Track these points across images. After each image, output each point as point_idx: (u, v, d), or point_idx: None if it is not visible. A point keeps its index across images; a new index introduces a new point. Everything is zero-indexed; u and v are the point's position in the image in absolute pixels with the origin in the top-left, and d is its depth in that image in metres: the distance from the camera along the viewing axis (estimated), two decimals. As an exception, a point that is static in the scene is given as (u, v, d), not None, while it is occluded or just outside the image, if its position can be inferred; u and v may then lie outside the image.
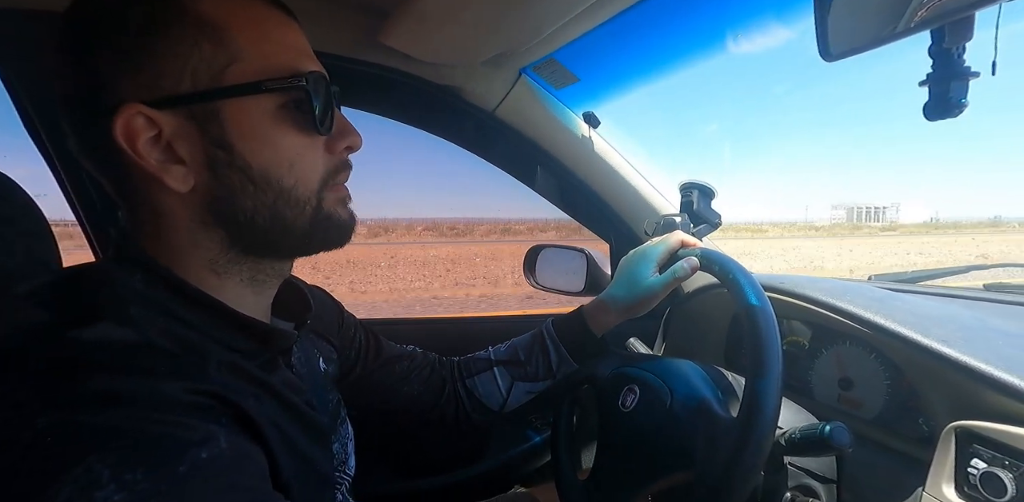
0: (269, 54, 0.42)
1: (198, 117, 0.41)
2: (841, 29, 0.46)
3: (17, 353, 0.35)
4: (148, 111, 0.39)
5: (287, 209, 0.44)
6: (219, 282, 0.45)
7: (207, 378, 0.39)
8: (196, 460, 0.33)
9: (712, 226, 1.00)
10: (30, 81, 0.86)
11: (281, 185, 0.43)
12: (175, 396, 0.35)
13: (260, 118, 0.42)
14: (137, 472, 0.31)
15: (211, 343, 0.42)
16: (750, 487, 0.52)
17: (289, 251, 0.49)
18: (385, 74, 0.93)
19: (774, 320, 0.57)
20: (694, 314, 1.02)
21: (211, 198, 0.43)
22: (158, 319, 0.40)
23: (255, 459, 0.38)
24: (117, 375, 0.35)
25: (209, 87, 0.40)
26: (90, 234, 1.02)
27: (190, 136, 0.41)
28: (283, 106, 0.43)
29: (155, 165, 0.41)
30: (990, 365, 0.54)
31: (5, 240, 0.51)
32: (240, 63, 0.41)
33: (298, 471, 0.44)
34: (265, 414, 0.42)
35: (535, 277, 1.28)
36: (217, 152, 0.41)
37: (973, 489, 0.54)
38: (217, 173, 0.42)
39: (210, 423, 0.36)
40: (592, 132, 1.05)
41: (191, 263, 0.44)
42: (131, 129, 0.39)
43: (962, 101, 0.41)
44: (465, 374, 0.82)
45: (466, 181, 66.69)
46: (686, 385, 0.65)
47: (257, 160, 0.42)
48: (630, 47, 0.95)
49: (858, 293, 0.76)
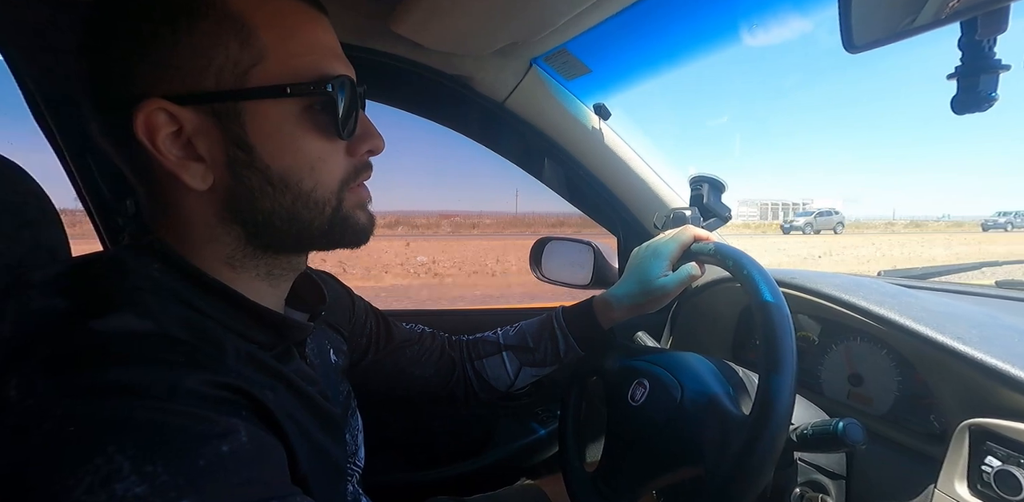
0: (296, 54, 0.41)
1: (220, 116, 0.40)
2: (867, 19, 0.45)
3: (34, 341, 0.35)
4: (170, 106, 0.39)
5: (305, 211, 0.44)
6: (234, 275, 0.45)
7: (226, 369, 0.38)
8: (217, 453, 0.33)
9: (723, 220, 1.00)
10: (38, 70, 0.86)
11: (300, 188, 0.43)
12: (196, 389, 0.35)
13: (283, 121, 0.42)
14: (158, 464, 0.30)
15: (227, 333, 0.41)
16: (762, 483, 0.52)
17: (306, 247, 0.49)
18: (394, 63, 0.92)
19: (789, 317, 0.56)
20: (702, 308, 1.02)
21: (229, 197, 0.42)
22: (174, 308, 0.40)
23: (274, 453, 0.38)
24: (137, 366, 0.34)
25: (233, 87, 0.40)
26: (98, 223, 1.02)
27: (211, 134, 0.40)
28: (307, 109, 0.42)
29: (174, 161, 0.40)
30: (1006, 363, 0.54)
31: (12, 228, 0.51)
32: (265, 63, 0.40)
33: (314, 463, 0.44)
34: (282, 406, 0.42)
35: (541, 270, 1.28)
36: (237, 152, 0.41)
37: (987, 487, 0.54)
38: (236, 173, 0.41)
39: (231, 416, 0.35)
40: (602, 124, 1.04)
41: (207, 256, 0.44)
42: (152, 124, 0.39)
43: (992, 95, 0.40)
44: (474, 355, 0.82)
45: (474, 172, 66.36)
46: (696, 380, 0.65)
47: (277, 162, 0.42)
48: (643, 38, 0.94)
49: (870, 289, 0.75)
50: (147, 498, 0.29)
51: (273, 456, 0.38)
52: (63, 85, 0.88)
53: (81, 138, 0.93)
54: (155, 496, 0.30)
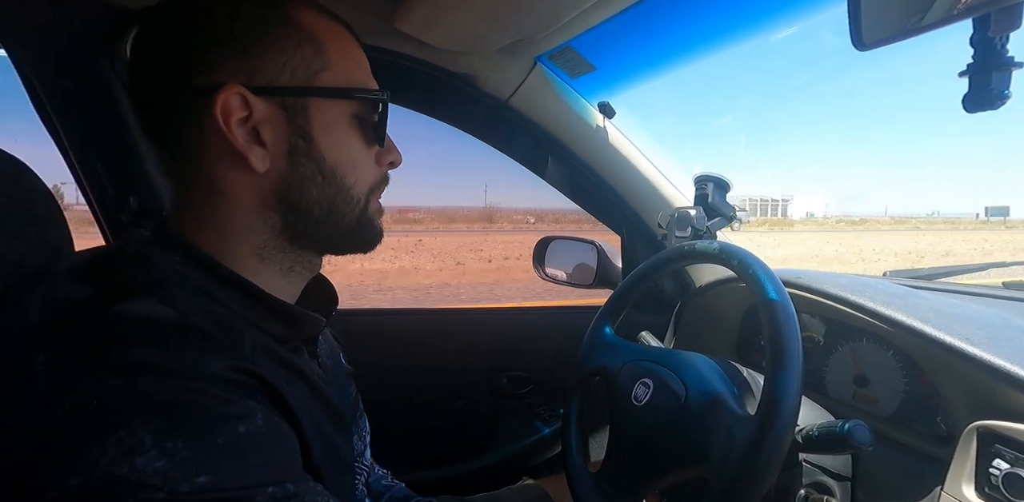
0: (350, 69, 0.48)
1: (288, 108, 0.44)
2: (877, 16, 0.44)
3: (60, 324, 0.37)
4: (247, 93, 0.43)
5: (344, 205, 0.48)
6: (261, 267, 0.47)
7: (244, 358, 0.40)
8: (234, 433, 0.34)
9: (727, 219, 0.99)
10: (43, 67, 0.86)
11: (344, 182, 0.47)
12: (215, 371, 0.36)
13: (339, 120, 0.47)
14: (178, 440, 0.31)
15: (245, 325, 0.43)
16: (767, 482, 0.52)
17: (329, 246, 0.51)
18: (399, 61, 0.92)
19: (794, 315, 0.56)
20: (706, 308, 1.01)
21: (281, 183, 0.46)
22: (196, 299, 0.41)
23: (289, 439, 0.39)
24: (161, 348, 0.36)
25: (304, 84, 0.45)
26: (101, 220, 1.01)
27: (278, 123, 0.44)
28: (356, 115, 0.48)
29: (242, 143, 0.44)
30: (1015, 364, 0.54)
31: (16, 227, 0.51)
32: (330, 71, 0.46)
33: (325, 456, 0.45)
34: (297, 398, 0.43)
35: (544, 269, 1.27)
36: (299, 141, 0.45)
37: (994, 490, 0.53)
38: (294, 160, 0.45)
39: (248, 399, 0.37)
40: (607, 122, 1.03)
41: (239, 247, 0.46)
42: (228, 107, 0.42)
43: (1004, 93, 0.39)
44: None
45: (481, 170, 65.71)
46: (700, 379, 0.64)
47: (331, 155, 0.46)
48: (648, 36, 0.93)
49: (876, 289, 0.75)
50: (167, 473, 0.30)
51: (287, 442, 0.39)
52: (68, 83, 0.88)
53: (86, 136, 0.93)
54: (175, 471, 0.31)
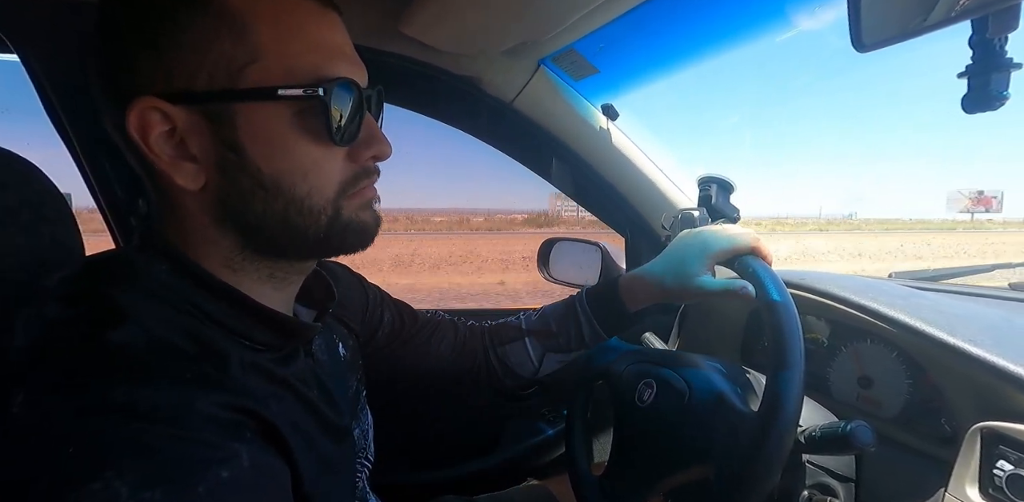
0: (293, 54, 0.39)
1: (211, 116, 0.39)
2: (876, 17, 0.45)
3: (43, 354, 0.35)
4: (163, 105, 0.38)
5: (298, 217, 0.42)
6: (236, 278, 0.44)
7: (232, 383, 0.38)
8: (217, 479, 0.32)
9: (731, 221, 0.99)
10: (53, 69, 0.87)
11: (294, 193, 0.41)
12: (201, 409, 0.34)
13: (275, 124, 0.40)
14: (156, 491, 0.30)
15: (232, 341, 0.41)
16: (771, 482, 0.52)
17: (304, 253, 0.47)
18: (403, 64, 0.93)
19: (796, 315, 0.56)
20: (710, 310, 1.01)
21: (223, 198, 0.41)
22: (181, 316, 0.39)
23: (277, 477, 0.38)
24: (144, 384, 0.34)
25: (225, 87, 0.38)
26: (111, 222, 1.03)
27: (203, 134, 0.39)
28: (300, 113, 0.40)
29: (166, 161, 0.39)
30: (1020, 366, 0.53)
31: (31, 224, 0.52)
32: (260, 62, 0.38)
33: (318, 475, 0.44)
34: (287, 416, 0.41)
35: (549, 270, 1.27)
36: (228, 154, 0.40)
37: (998, 491, 0.53)
38: (227, 175, 0.40)
39: (233, 441, 0.35)
40: (610, 124, 1.04)
41: (207, 258, 0.43)
42: (145, 122, 0.38)
43: (1003, 94, 0.39)
44: (496, 342, 0.79)
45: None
46: (704, 380, 0.65)
47: (269, 166, 0.40)
48: (651, 38, 0.94)
49: (881, 290, 0.74)
50: None
51: (274, 481, 0.38)
52: (78, 86, 0.89)
53: (95, 138, 0.95)
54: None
